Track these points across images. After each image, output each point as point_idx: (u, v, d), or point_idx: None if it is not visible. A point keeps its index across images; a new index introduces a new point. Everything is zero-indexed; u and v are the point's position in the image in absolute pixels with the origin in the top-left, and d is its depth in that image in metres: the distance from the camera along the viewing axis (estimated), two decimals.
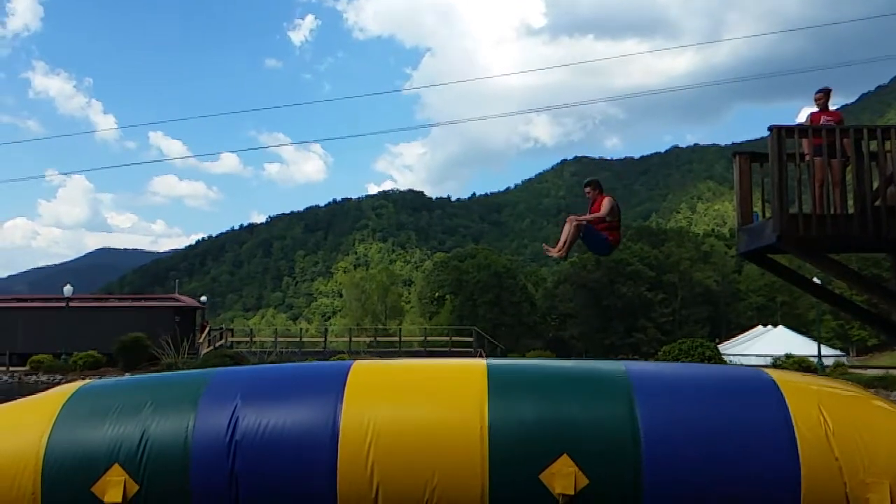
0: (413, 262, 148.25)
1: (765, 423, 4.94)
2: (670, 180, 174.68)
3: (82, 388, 5.72)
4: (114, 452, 4.97)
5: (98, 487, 4.89)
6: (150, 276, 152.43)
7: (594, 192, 7.15)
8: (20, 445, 5.09)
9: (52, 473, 4.96)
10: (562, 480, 4.72)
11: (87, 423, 5.18)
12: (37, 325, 33.84)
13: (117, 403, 5.36)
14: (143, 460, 4.94)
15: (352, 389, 5.20)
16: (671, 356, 21.19)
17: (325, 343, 39.79)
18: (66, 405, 5.37)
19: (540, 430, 4.92)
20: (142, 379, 6.50)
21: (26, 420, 5.34)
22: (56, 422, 5.19)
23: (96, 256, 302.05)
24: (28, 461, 4.99)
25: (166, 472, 4.91)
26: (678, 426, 4.92)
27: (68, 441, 5.06)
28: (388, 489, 4.82)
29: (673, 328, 51.75)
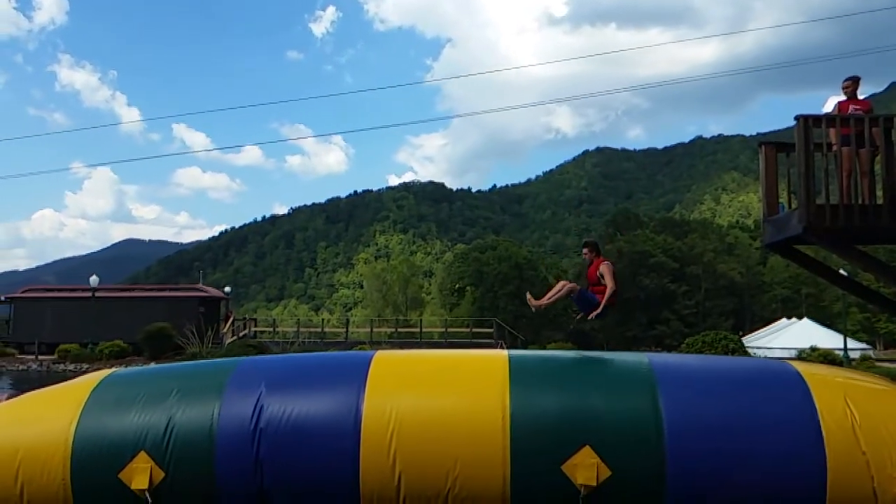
0: (433, 253, 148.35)
1: (790, 415, 4.89)
2: (694, 171, 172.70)
3: (109, 377, 5.80)
4: (140, 440, 5.04)
5: (125, 474, 4.97)
6: (174, 266, 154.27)
7: (591, 255, 7.04)
8: (50, 432, 5.17)
9: (80, 460, 5.04)
10: (584, 471, 4.71)
11: (114, 410, 5.25)
12: (64, 315, 34.43)
13: (143, 391, 5.43)
14: (169, 448, 5.00)
15: (374, 379, 5.23)
16: (694, 349, 21.03)
17: (346, 334, 40.09)
18: (93, 393, 5.46)
19: (562, 420, 4.90)
20: (167, 367, 6.58)
21: (55, 408, 5.43)
22: (84, 409, 5.28)
23: (122, 247, 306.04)
24: (57, 448, 5.08)
25: (192, 460, 4.98)
26: (702, 418, 4.88)
27: (96, 428, 5.14)
28: (411, 477, 4.84)
29: (696, 320, 51.29)
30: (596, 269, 6.79)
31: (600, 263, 6.80)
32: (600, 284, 6.59)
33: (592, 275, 6.83)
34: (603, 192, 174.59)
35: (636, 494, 4.77)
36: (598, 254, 7.03)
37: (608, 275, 6.60)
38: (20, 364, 30.60)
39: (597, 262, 6.90)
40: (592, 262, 6.98)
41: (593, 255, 6.99)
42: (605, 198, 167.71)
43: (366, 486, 4.87)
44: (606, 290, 6.47)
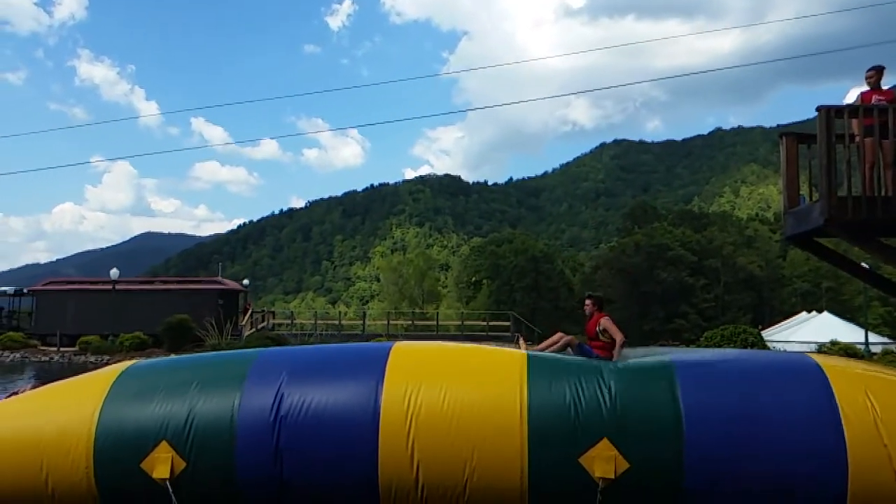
0: (450, 246, 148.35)
1: (809, 407, 4.85)
2: (713, 163, 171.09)
3: (131, 367, 5.86)
4: (162, 429, 5.09)
5: (147, 464, 5.02)
6: (193, 259, 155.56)
7: (593, 308, 7.02)
8: (73, 422, 5.24)
9: (103, 450, 5.10)
10: (602, 464, 4.71)
11: (136, 400, 5.31)
12: (85, 307, 34.85)
13: (165, 382, 5.48)
14: (191, 437, 5.05)
15: (393, 369, 5.25)
16: (713, 342, 20.88)
17: (363, 326, 40.23)
18: (115, 383, 5.52)
19: (580, 413, 4.90)
20: (188, 358, 6.63)
21: (78, 397, 5.50)
22: (106, 399, 5.34)
23: (141, 240, 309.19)
24: (80, 437, 5.15)
25: (213, 449, 5.02)
26: (720, 410, 4.86)
27: (118, 418, 5.20)
28: (428, 468, 4.86)
29: (715, 314, 50.92)
30: (596, 324, 6.79)
31: (601, 318, 6.81)
32: (599, 339, 6.58)
33: (592, 329, 6.82)
34: (620, 185, 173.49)
35: (654, 487, 4.76)
36: (600, 308, 7.03)
37: (612, 328, 6.60)
38: (42, 355, 31.05)
39: (597, 316, 6.91)
40: (593, 315, 6.98)
41: (595, 309, 6.99)
42: (622, 190, 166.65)
43: (384, 476, 4.90)
44: (616, 344, 6.48)
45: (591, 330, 6.84)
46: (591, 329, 6.85)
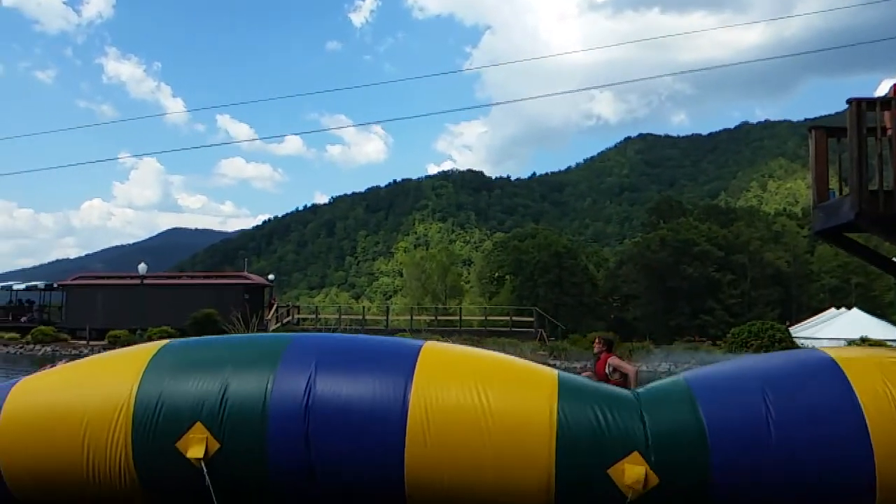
0: (472, 242, 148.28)
1: (829, 405, 4.80)
2: (740, 158, 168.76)
3: (167, 345, 5.88)
4: (197, 410, 5.13)
5: (182, 443, 5.08)
6: (219, 254, 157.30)
7: (602, 349, 7.27)
8: (111, 399, 5.29)
9: (140, 428, 5.15)
10: (631, 477, 4.67)
11: (172, 380, 5.33)
12: (114, 302, 35.44)
13: (200, 361, 5.53)
14: (224, 419, 5.08)
15: (422, 368, 5.25)
16: (740, 338, 20.70)
17: (386, 321, 40.38)
18: (152, 361, 5.55)
19: (610, 425, 4.89)
20: (223, 338, 6.65)
21: (116, 374, 5.53)
22: (143, 378, 5.37)
23: (168, 236, 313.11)
24: (119, 415, 5.20)
25: (246, 432, 5.05)
26: (741, 421, 4.81)
27: (154, 398, 5.23)
28: (454, 467, 4.86)
29: (742, 310, 50.28)
30: (604, 365, 7.00)
31: (608, 358, 7.04)
32: (609, 379, 6.73)
33: (601, 370, 7.01)
34: (645, 180, 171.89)
35: (682, 501, 4.73)
36: (609, 349, 7.25)
37: (622, 364, 6.89)
38: (72, 349, 31.64)
39: (605, 356, 7.14)
40: (601, 356, 7.20)
41: (603, 349, 7.22)
42: (647, 185, 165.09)
43: (410, 472, 4.90)
44: (630, 376, 6.71)
45: (600, 370, 7.05)
46: (600, 369, 7.06)
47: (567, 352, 25.45)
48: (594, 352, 7.55)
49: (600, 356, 7.25)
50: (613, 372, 6.87)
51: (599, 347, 7.36)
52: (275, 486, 5.13)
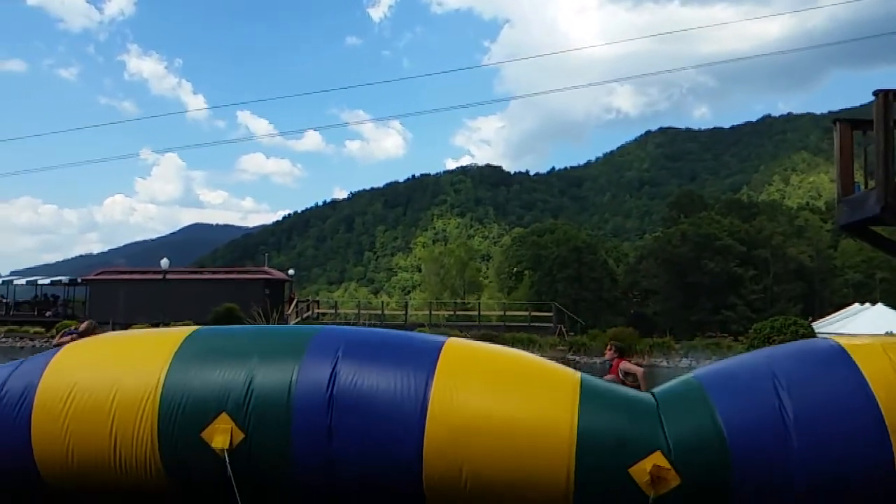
0: (491, 237, 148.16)
1: (842, 393, 4.76)
2: (762, 151, 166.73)
3: (195, 333, 5.91)
4: (222, 400, 5.15)
5: (207, 433, 5.10)
6: (240, 250, 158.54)
7: (613, 355, 7.35)
8: (140, 387, 5.33)
9: (166, 418, 5.19)
10: (654, 475, 4.62)
11: (199, 368, 5.37)
12: (137, 296, 35.91)
13: (227, 350, 5.55)
14: (249, 409, 5.10)
15: (444, 364, 5.25)
16: (762, 334, 20.49)
17: (405, 316, 40.49)
18: (180, 349, 5.59)
19: (632, 425, 4.87)
20: (250, 329, 6.67)
21: (145, 361, 5.56)
22: (171, 365, 5.41)
23: (190, 231, 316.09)
24: (146, 402, 5.25)
25: (270, 423, 5.07)
26: (756, 416, 4.76)
27: (181, 387, 5.27)
28: (473, 462, 4.85)
29: (764, 305, 49.79)
30: (617, 370, 7.09)
31: (621, 363, 7.12)
32: (625, 384, 6.72)
33: (614, 374, 7.09)
34: (666, 174, 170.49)
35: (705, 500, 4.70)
36: (621, 355, 7.34)
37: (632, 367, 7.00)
38: None
39: (617, 362, 7.21)
40: (613, 362, 7.27)
41: (615, 355, 7.31)
42: (668, 179, 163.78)
43: (428, 467, 4.91)
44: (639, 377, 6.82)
45: (613, 374, 7.12)
46: (613, 374, 7.13)
47: (587, 347, 25.34)
48: (607, 358, 7.60)
49: (613, 362, 7.35)
50: (627, 375, 6.93)
51: (611, 354, 7.45)
52: (297, 479, 5.15)
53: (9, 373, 5.78)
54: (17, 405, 5.48)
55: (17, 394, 5.52)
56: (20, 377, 5.66)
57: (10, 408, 5.49)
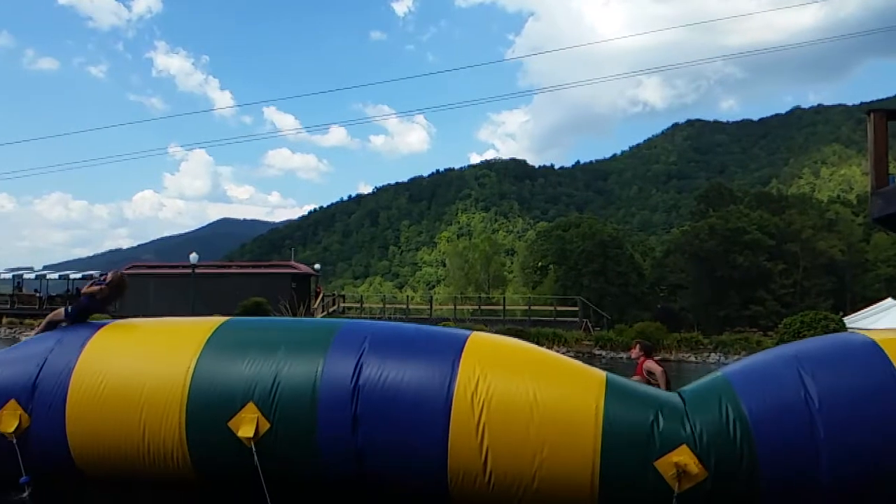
0: (515, 231, 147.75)
1: (874, 388, 4.67)
2: (792, 143, 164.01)
3: (224, 324, 5.98)
4: (250, 390, 5.23)
5: (234, 422, 5.18)
6: (267, 244, 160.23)
7: (639, 353, 7.35)
8: (171, 375, 5.43)
9: (195, 406, 5.28)
10: (681, 468, 4.61)
11: (227, 359, 5.46)
12: (166, 291, 36.40)
13: (256, 342, 5.63)
14: (276, 400, 5.17)
15: (468, 357, 5.27)
16: (792, 329, 20.18)
17: (430, 311, 40.57)
18: (211, 338, 5.67)
19: (658, 419, 4.85)
20: (278, 321, 6.76)
21: (176, 349, 5.65)
22: (201, 354, 5.51)
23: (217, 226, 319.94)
24: (175, 391, 5.34)
25: (296, 414, 5.14)
26: (783, 411, 4.69)
27: (210, 376, 5.36)
28: (497, 455, 4.87)
29: (793, 300, 49.04)
30: (642, 369, 7.07)
31: (646, 362, 7.08)
32: (650, 383, 6.73)
33: (640, 374, 7.07)
34: (693, 167, 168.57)
35: (732, 495, 4.65)
36: (647, 355, 7.29)
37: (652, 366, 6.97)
38: None
39: (643, 361, 7.17)
40: (639, 361, 7.24)
41: (641, 354, 7.30)
42: (695, 172, 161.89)
43: (453, 458, 4.93)
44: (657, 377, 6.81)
45: (639, 374, 7.09)
46: (639, 373, 7.10)
47: (613, 342, 25.17)
48: (632, 357, 7.58)
49: (639, 360, 7.30)
50: (651, 375, 6.92)
51: (637, 353, 7.42)
52: (322, 470, 5.21)
53: (49, 348, 5.88)
54: (54, 388, 5.60)
55: (55, 376, 5.64)
56: (57, 359, 5.76)
57: (47, 390, 5.61)
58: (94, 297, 6.54)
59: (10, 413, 5.57)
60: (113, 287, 6.59)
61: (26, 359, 5.84)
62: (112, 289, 6.59)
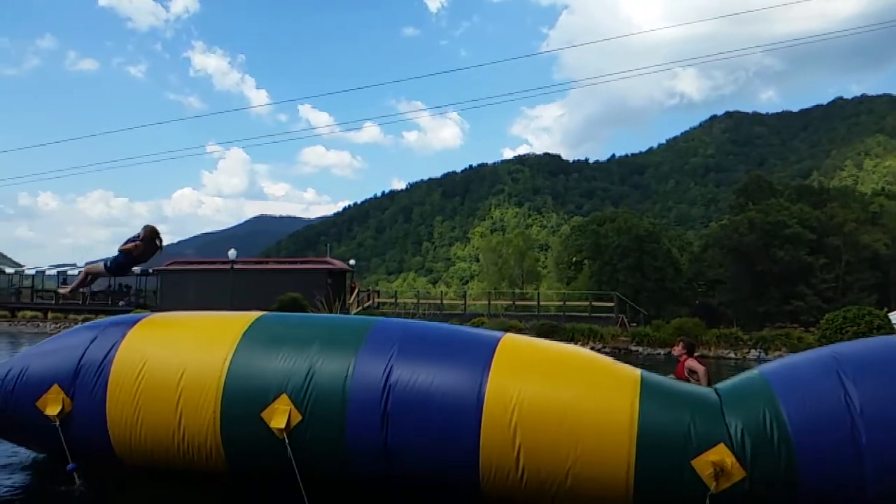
0: (549, 226, 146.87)
1: None
2: (834, 135, 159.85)
3: (261, 319, 6.14)
4: (284, 383, 5.35)
5: (267, 413, 5.29)
6: (302, 241, 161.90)
7: (682, 352, 7.29)
8: (207, 365, 5.58)
9: (230, 396, 5.41)
10: (718, 467, 4.57)
11: (263, 352, 5.59)
12: (206, 286, 37.05)
13: (291, 337, 5.75)
14: (308, 393, 5.28)
15: (500, 357, 5.30)
16: (834, 325, 19.71)
17: (464, 306, 40.59)
18: (246, 333, 5.82)
19: (694, 417, 4.80)
20: (313, 317, 6.89)
21: (212, 341, 5.82)
22: (238, 347, 5.65)
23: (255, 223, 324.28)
24: (212, 381, 5.49)
25: (327, 407, 5.23)
26: (822, 413, 4.60)
27: (246, 367, 5.49)
28: (530, 454, 4.88)
29: (835, 295, 47.83)
30: (684, 367, 7.01)
31: (687, 361, 7.05)
32: (689, 382, 6.68)
33: (681, 372, 7.02)
34: (732, 160, 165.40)
35: (769, 495, 4.57)
36: (690, 353, 7.24)
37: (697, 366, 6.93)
38: None
39: (685, 359, 7.13)
40: (681, 359, 7.19)
41: (684, 353, 7.24)
42: (734, 165, 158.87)
43: (485, 458, 4.95)
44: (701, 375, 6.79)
45: (680, 373, 7.04)
46: (680, 372, 7.06)
47: (650, 338, 24.87)
48: (674, 354, 7.51)
49: (681, 359, 7.20)
50: (692, 373, 6.87)
51: (679, 351, 7.35)
52: (351, 466, 5.27)
53: (91, 338, 6.07)
54: (95, 375, 5.77)
55: (96, 364, 5.82)
56: (99, 348, 5.95)
57: (88, 377, 5.79)
58: (130, 254, 6.74)
59: (53, 397, 5.77)
60: (147, 240, 6.77)
61: (69, 348, 6.05)
62: (146, 243, 6.77)
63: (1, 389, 5.98)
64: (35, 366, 5.99)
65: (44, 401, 5.77)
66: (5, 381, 6.00)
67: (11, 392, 5.92)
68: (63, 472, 5.74)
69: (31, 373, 5.94)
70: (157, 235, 6.90)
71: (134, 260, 6.86)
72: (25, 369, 5.98)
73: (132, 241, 6.82)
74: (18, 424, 5.99)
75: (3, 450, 6.86)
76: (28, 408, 5.83)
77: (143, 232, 6.84)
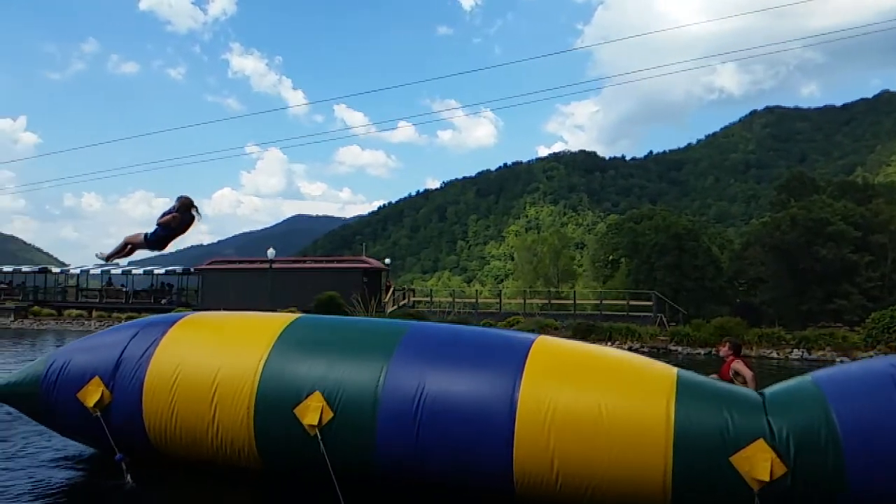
0: (585, 224, 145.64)
1: None
2: (879, 129, 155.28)
3: (299, 319, 6.30)
4: (317, 381, 5.45)
5: (299, 410, 5.38)
6: (338, 240, 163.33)
7: (728, 353, 7.20)
8: (243, 362, 5.73)
9: (264, 392, 5.54)
10: (757, 465, 4.50)
11: (298, 351, 5.73)
12: (245, 284, 37.69)
13: (327, 338, 5.89)
14: (340, 393, 5.36)
15: (533, 361, 5.30)
16: (881, 324, 19.20)
17: (499, 305, 40.51)
18: (283, 332, 5.97)
19: (731, 414, 4.76)
20: (349, 319, 7.01)
21: (249, 339, 5.98)
22: (274, 346, 5.80)
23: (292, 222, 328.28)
24: (247, 378, 5.63)
25: (358, 407, 5.30)
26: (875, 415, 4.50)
27: (281, 365, 5.62)
28: (565, 458, 4.86)
29: (882, 294, 46.49)
30: (729, 368, 6.91)
31: (733, 362, 6.94)
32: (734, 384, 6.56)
33: (726, 373, 6.91)
34: (773, 156, 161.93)
35: (815, 493, 4.47)
36: (736, 353, 7.13)
37: (744, 369, 6.82)
38: None
39: (731, 360, 7.02)
40: (727, 360, 7.09)
41: (730, 354, 7.15)
42: (775, 161, 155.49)
43: (519, 464, 4.95)
44: (748, 380, 6.67)
45: (725, 374, 6.92)
46: (725, 373, 6.94)
47: (690, 337, 24.49)
48: (720, 355, 7.43)
49: (726, 360, 7.10)
50: (737, 375, 6.78)
51: (726, 351, 7.26)
52: (381, 466, 5.31)
53: (131, 335, 6.29)
54: (134, 369, 5.97)
55: (135, 359, 6.03)
56: (138, 344, 6.16)
57: (128, 370, 6.00)
58: (168, 226, 6.81)
59: (94, 388, 5.99)
60: (182, 210, 6.80)
61: (110, 344, 6.28)
62: (182, 213, 6.80)
63: (45, 381, 6.25)
64: (77, 359, 6.24)
65: (84, 392, 5.99)
66: (49, 372, 6.27)
67: (55, 383, 6.19)
68: (112, 466, 5.92)
69: (73, 365, 6.19)
70: (193, 205, 6.87)
71: (173, 231, 6.89)
72: (68, 362, 6.25)
73: (168, 213, 6.86)
74: (61, 414, 6.23)
75: (54, 444, 7.09)
76: (70, 399, 6.07)
77: (177, 203, 6.84)
